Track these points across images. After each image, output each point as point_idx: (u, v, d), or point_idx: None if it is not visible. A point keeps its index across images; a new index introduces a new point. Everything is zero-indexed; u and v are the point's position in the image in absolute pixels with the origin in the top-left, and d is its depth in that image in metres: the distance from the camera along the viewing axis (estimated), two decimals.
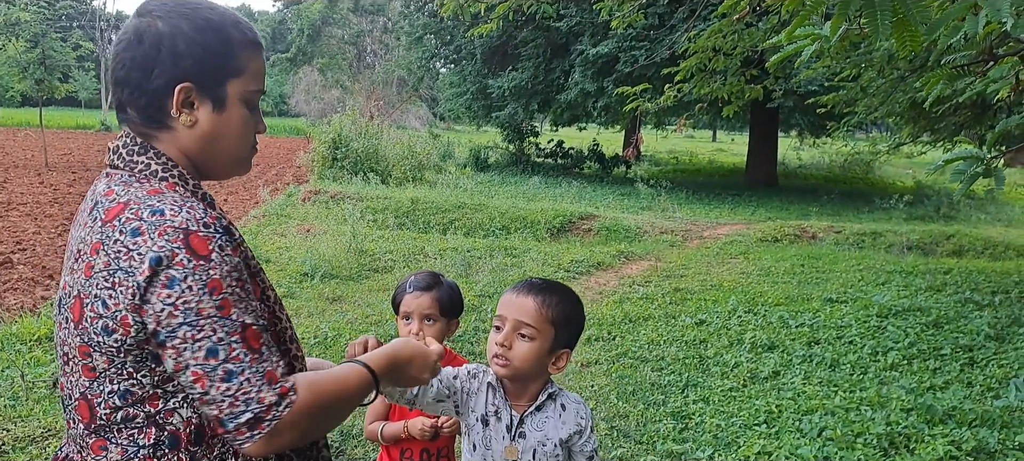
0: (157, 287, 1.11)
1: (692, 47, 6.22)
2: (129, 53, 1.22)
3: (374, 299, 6.43)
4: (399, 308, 2.19)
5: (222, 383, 1.11)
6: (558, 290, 1.74)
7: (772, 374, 4.75)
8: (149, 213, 1.14)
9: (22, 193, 13.28)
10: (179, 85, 1.22)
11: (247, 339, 1.14)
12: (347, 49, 50.57)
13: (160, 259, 1.11)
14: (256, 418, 1.12)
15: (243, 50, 1.27)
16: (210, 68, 1.23)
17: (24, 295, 6.58)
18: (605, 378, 4.74)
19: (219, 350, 1.11)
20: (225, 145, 1.29)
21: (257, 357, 1.14)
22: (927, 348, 5.13)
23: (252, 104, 1.31)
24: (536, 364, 1.69)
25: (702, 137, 49.93)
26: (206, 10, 1.25)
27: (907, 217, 12.70)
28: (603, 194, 15.67)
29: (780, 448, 3.70)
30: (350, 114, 17.32)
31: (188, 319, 1.10)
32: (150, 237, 1.12)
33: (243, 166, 1.36)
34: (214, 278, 1.12)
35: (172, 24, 1.22)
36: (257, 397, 1.12)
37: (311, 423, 1.18)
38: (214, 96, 1.25)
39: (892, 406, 4.16)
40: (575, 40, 16.93)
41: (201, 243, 1.13)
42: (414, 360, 1.42)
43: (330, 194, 12.49)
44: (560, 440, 1.71)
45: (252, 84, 1.29)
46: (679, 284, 7.22)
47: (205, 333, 1.11)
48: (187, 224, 1.13)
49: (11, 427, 3.59)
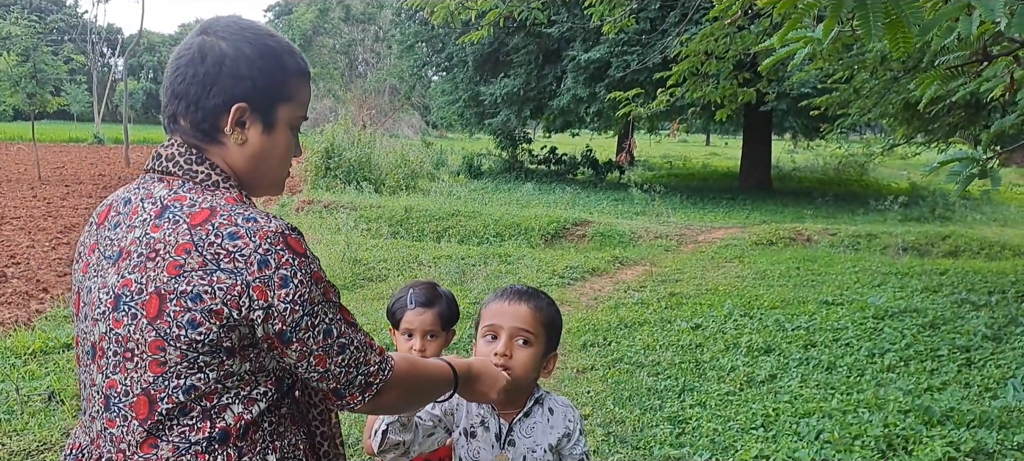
0: (274, 288, 1.20)
1: (684, 51, 6.23)
2: (191, 69, 1.28)
3: (369, 308, 6.41)
4: (399, 323, 2.15)
5: (337, 356, 1.28)
6: (542, 295, 1.76)
7: (769, 377, 4.75)
8: (243, 220, 1.22)
9: (15, 207, 13.21)
10: (236, 105, 1.28)
11: (345, 317, 1.31)
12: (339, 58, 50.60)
13: (267, 261, 1.20)
14: (367, 381, 1.32)
15: (295, 78, 1.35)
16: (265, 92, 1.31)
17: (18, 309, 6.54)
18: (601, 384, 4.72)
19: (332, 329, 1.27)
20: (270, 165, 1.37)
21: (356, 329, 1.32)
22: (924, 349, 5.13)
23: (296, 129, 1.40)
24: (534, 369, 1.69)
25: (695, 141, 50.03)
26: (267, 37, 1.33)
27: (902, 218, 12.73)
28: (597, 200, 15.67)
29: (777, 452, 3.68)
30: (342, 123, 17.30)
31: (306, 310, 1.23)
32: (252, 240, 1.21)
33: (279, 187, 1.45)
34: (315, 270, 1.26)
35: (235, 46, 1.29)
36: (365, 361, 1.32)
37: (404, 392, 1.39)
38: (265, 118, 1.32)
39: (890, 408, 4.15)
40: (567, 46, 16.95)
41: (296, 243, 1.24)
42: (485, 376, 1.59)
43: (324, 203, 12.46)
44: (549, 445, 1.69)
45: (299, 110, 1.37)
46: (674, 289, 7.21)
47: (320, 318, 1.25)
48: (281, 229, 1.23)
49: (7, 441, 3.55)
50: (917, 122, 8.11)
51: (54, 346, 4.98)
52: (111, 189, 16.54)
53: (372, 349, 1.34)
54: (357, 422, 4.01)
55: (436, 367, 1.50)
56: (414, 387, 1.42)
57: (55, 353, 4.88)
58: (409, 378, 1.40)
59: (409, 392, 1.41)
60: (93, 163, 23.57)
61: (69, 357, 4.81)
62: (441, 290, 2.20)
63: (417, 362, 1.46)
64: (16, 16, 21.58)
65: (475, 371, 1.57)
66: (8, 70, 19.70)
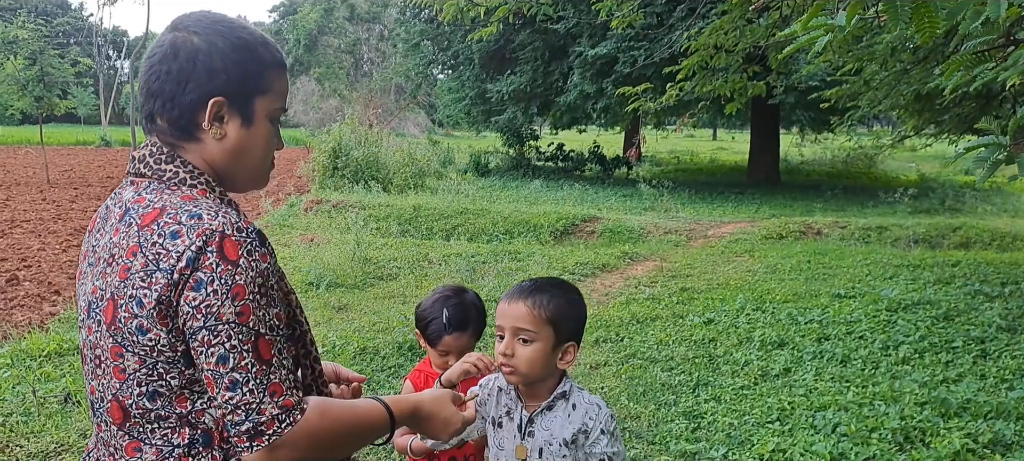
0: (185, 290, 1.14)
1: (693, 45, 6.21)
2: (165, 66, 1.26)
3: (380, 307, 6.41)
4: (433, 341, 2.14)
5: (227, 391, 1.15)
6: (548, 288, 1.72)
7: (783, 371, 4.73)
8: (187, 217, 1.18)
9: (25, 210, 13.27)
10: (212, 99, 1.26)
11: (259, 349, 1.16)
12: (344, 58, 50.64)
13: (194, 260, 1.14)
14: (255, 430, 1.15)
15: (271, 69, 1.32)
16: (241, 85, 1.28)
17: (31, 311, 6.57)
18: (615, 379, 4.71)
19: (229, 358, 1.14)
20: (250, 159, 1.33)
21: (265, 368, 1.16)
22: (938, 341, 5.10)
23: (276, 121, 1.36)
24: (542, 365, 1.69)
25: (702, 136, 49.93)
26: (240, 30, 1.30)
27: (912, 210, 12.68)
28: (605, 196, 15.65)
29: (794, 445, 3.67)
30: (349, 123, 17.31)
31: (207, 323, 1.14)
32: (188, 238, 1.15)
33: (263, 180, 1.40)
34: (238, 283, 1.15)
35: (209, 41, 1.26)
36: (258, 408, 1.15)
37: (314, 446, 1.20)
38: (243, 112, 1.30)
39: (906, 400, 4.13)
40: (573, 42, 16.92)
41: (232, 247, 1.16)
42: (436, 419, 1.48)
43: (332, 203, 12.48)
44: (564, 440, 1.69)
45: (277, 101, 1.34)
46: (685, 284, 7.20)
47: (220, 339, 1.14)
48: (223, 227, 1.17)
49: (24, 443, 3.57)
50: (928, 114, 8.06)
51: (68, 348, 5.00)
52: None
53: (273, 397, 1.16)
54: None
55: (365, 415, 1.32)
56: (330, 443, 1.24)
57: (70, 355, 4.90)
58: (322, 434, 1.22)
59: (321, 448, 1.22)
60: (101, 165, 23.65)
61: None
62: (469, 297, 2.20)
63: (341, 414, 1.27)
64: (23, 20, 21.68)
65: (424, 412, 1.46)
66: (16, 74, 19.79)
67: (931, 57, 6.35)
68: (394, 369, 4.75)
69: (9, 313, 6.52)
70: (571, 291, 1.75)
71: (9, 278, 7.81)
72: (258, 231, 1.22)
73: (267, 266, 1.20)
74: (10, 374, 4.42)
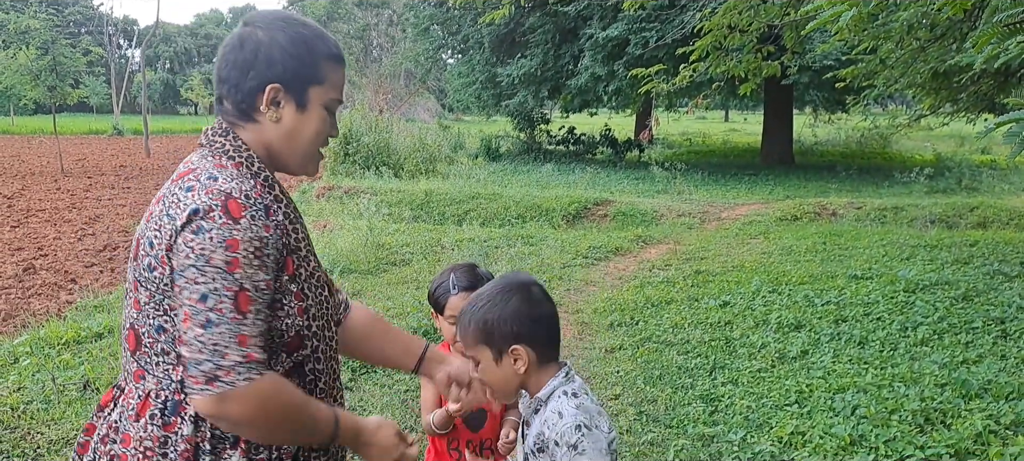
0: (187, 232, 1.26)
1: (707, 25, 6.15)
2: (232, 56, 1.42)
3: (394, 292, 6.42)
4: (443, 309, 2.12)
5: (199, 328, 1.24)
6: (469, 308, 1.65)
7: (800, 354, 4.70)
8: (206, 177, 1.32)
9: (40, 199, 13.36)
10: (270, 85, 1.40)
11: (238, 300, 1.25)
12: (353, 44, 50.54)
13: (198, 210, 1.27)
14: (213, 373, 1.23)
15: (327, 61, 1.45)
16: (296, 74, 1.41)
17: (48, 300, 6.62)
18: (631, 363, 4.70)
19: (210, 297, 1.24)
20: (303, 141, 1.46)
21: (239, 318, 1.25)
22: (958, 322, 5.05)
23: (331, 110, 1.48)
24: (497, 379, 1.64)
25: (714, 117, 49.61)
26: (300, 26, 1.45)
27: (928, 190, 12.56)
28: (617, 179, 15.58)
29: (813, 428, 3.64)
30: (359, 109, 17.30)
31: (197, 263, 1.25)
32: (198, 194, 1.29)
33: (314, 165, 1.52)
34: (235, 237, 1.26)
35: (270, 35, 1.41)
36: (222, 352, 1.24)
37: (259, 413, 1.27)
38: (299, 98, 1.43)
39: (925, 382, 4.09)
40: (584, 24, 16.80)
41: (237, 207, 1.28)
42: (374, 447, 1.50)
43: (344, 189, 12.49)
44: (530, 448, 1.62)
45: (332, 92, 1.47)
46: (700, 266, 7.16)
47: (206, 278, 1.24)
48: (231, 190, 1.30)
49: (45, 430, 3.60)
50: (945, 92, 7.96)
51: (86, 336, 5.03)
52: (133, 180, 16.70)
53: (241, 348, 1.24)
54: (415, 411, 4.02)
55: (316, 414, 1.38)
56: (274, 418, 1.29)
57: (87, 343, 4.93)
58: (270, 405, 1.27)
59: (264, 418, 1.28)
60: (114, 154, 23.78)
61: (101, 346, 4.85)
62: (481, 271, 2.18)
63: (293, 399, 1.33)
64: (34, 10, 21.75)
65: (365, 438, 1.49)
66: (28, 64, 19.88)
67: (949, 34, 6.26)
68: None
69: (27, 301, 6.57)
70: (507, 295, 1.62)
71: (26, 267, 7.87)
72: (266, 205, 1.33)
73: (268, 236, 1.31)
74: (29, 362, 4.45)
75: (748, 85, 6.74)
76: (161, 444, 1.31)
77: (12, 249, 8.89)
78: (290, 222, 1.42)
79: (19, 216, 11.48)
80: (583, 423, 1.52)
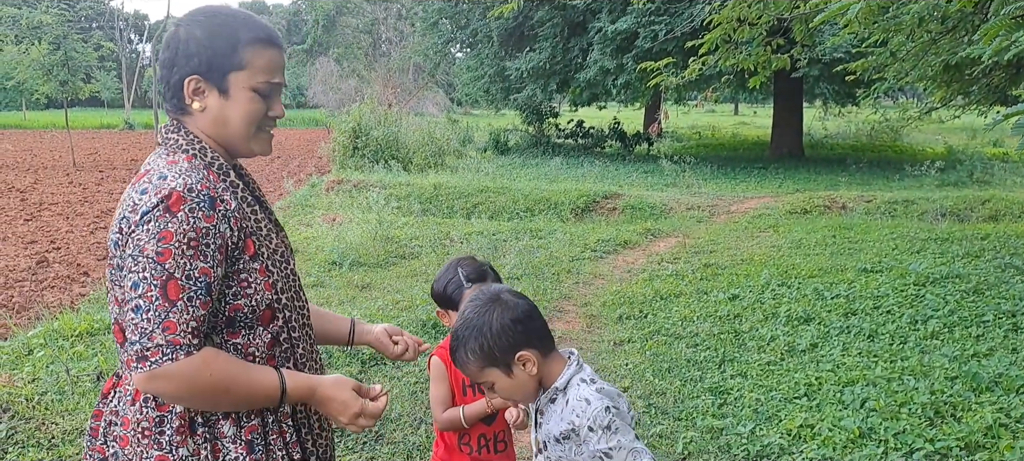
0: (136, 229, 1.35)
1: (716, 19, 6.12)
2: (162, 56, 1.52)
3: (403, 285, 6.44)
4: (457, 304, 2.10)
5: (131, 312, 1.34)
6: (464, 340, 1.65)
7: (810, 347, 4.70)
8: (157, 177, 1.40)
9: (53, 193, 13.46)
10: (188, 78, 1.48)
11: (166, 288, 1.33)
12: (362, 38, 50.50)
13: (147, 211, 1.35)
14: (141, 353, 1.33)
15: (249, 47, 1.49)
16: (213, 64, 1.48)
17: (61, 292, 6.68)
18: (639, 356, 4.71)
19: (140, 285, 1.33)
20: (233, 125, 1.52)
21: (167, 305, 1.33)
22: (968, 315, 5.03)
23: (264, 93, 1.52)
24: (517, 389, 1.68)
25: (723, 110, 49.39)
26: (221, 17, 1.51)
27: (939, 183, 12.48)
28: (626, 172, 15.55)
29: (822, 420, 3.65)
30: (368, 103, 17.31)
31: (133, 253, 1.35)
32: (150, 196, 1.37)
33: (259, 142, 1.57)
34: (169, 230, 1.34)
35: (189, 30, 1.49)
36: (149, 334, 1.32)
37: (191, 388, 1.36)
38: (219, 86, 1.50)
39: (935, 375, 4.09)
40: (593, 17, 16.74)
41: (178, 202, 1.35)
42: (333, 402, 1.53)
43: (353, 183, 12.52)
44: (555, 436, 1.66)
45: (260, 76, 1.51)
46: (709, 260, 7.15)
47: (138, 268, 1.33)
48: (176, 186, 1.37)
49: (59, 421, 3.64)
50: (956, 84, 7.91)
51: (99, 328, 5.08)
52: None
53: (166, 332, 1.32)
54: (424, 402, 4.04)
55: (254, 380, 1.44)
56: (205, 391, 1.37)
57: (101, 334, 4.98)
58: (200, 381, 1.35)
59: (194, 392, 1.37)
60: (125, 148, 23.90)
61: (114, 337, 4.89)
62: (479, 260, 2.20)
63: (227, 370, 1.40)
64: (46, 5, 21.86)
65: (323, 394, 1.52)
66: (40, 59, 20.00)
67: (960, 26, 6.22)
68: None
69: (41, 294, 6.63)
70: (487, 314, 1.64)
71: (40, 260, 7.94)
72: (210, 196, 1.39)
73: (208, 227, 1.37)
74: (44, 354, 4.50)
75: (758, 78, 6.71)
76: (157, 423, 1.42)
77: (26, 242, 8.97)
78: (248, 205, 1.51)
79: (32, 209, 11.58)
80: (610, 405, 1.61)
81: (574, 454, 1.63)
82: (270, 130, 1.59)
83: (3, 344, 4.85)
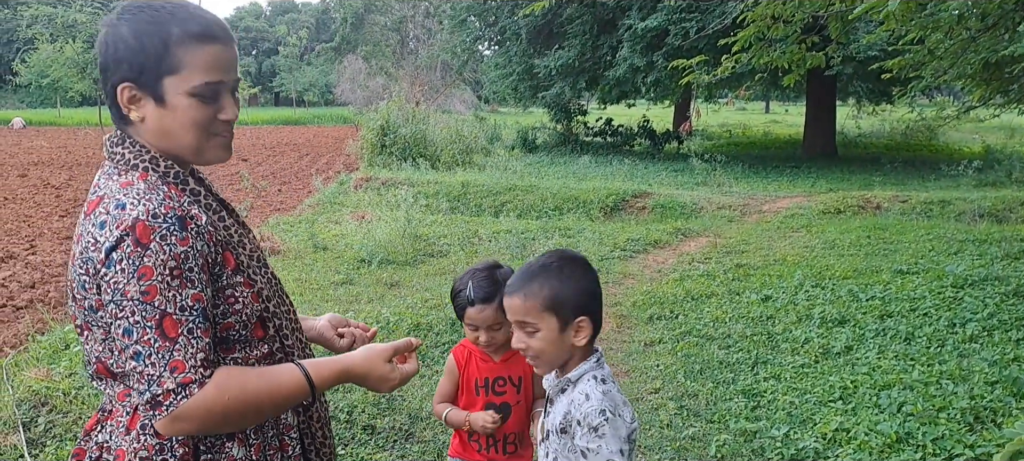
0: (105, 270, 1.23)
1: (750, 16, 6.04)
2: (98, 61, 1.35)
3: (432, 283, 6.45)
4: (460, 315, 2.12)
5: (131, 360, 1.23)
6: (540, 274, 1.64)
7: (845, 349, 4.62)
8: (114, 207, 1.26)
9: (87, 190, 13.66)
10: (120, 86, 1.32)
11: (163, 327, 1.22)
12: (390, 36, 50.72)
13: (112, 249, 1.22)
14: (154, 400, 1.23)
15: (180, 47, 1.30)
16: (144, 68, 1.30)
17: None
18: (671, 357, 4.66)
19: (133, 331, 1.22)
20: (178, 134, 1.35)
21: (168, 345, 1.23)
22: (1008, 318, 4.91)
23: (206, 96, 1.33)
24: (554, 351, 1.64)
25: (754, 109, 48.87)
26: (147, 12, 1.31)
27: (977, 183, 12.23)
28: (655, 171, 15.45)
29: (858, 424, 3.58)
30: (396, 100, 17.39)
31: (114, 298, 1.22)
32: (110, 230, 1.23)
33: (214, 150, 1.39)
34: (146, 265, 1.21)
35: (115, 31, 1.31)
36: (157, 380, 1.22)
37: (215, 417, 1.27)
38: (153, 93, 1.32)
39: (975, 379, 3.99)
40: (623, 15, 16.64)
41: (145, 232, 1.22)
42: (370, 377, 1.47)
43: (381, 180, 12.58)
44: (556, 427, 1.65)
45: (197, 78, 1.31)
46: (741, 260, 7.07)
47: (125, 314, 1.22)
48: (139, 214, 1.23)
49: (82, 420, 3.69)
50: (996, 83, 7.74)
51: None
52: None
53: (174, 373, 1.23)
54: (426, 392, 4.04)
55: (277, 384, 1.35)
56: (231, 414, 1.29)
57: None
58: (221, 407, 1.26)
59: (225, 417, 1.28)
60: None
61: None
62: (500, 274, 2.09)
63: (244, 385, 1.30)
64: (81, 4, 22.26)
65: (357, 373, 1.46)
66: (75, 57, 20.38)
67: (1000, 24, 6.08)
68: (447, 345, 4.77)
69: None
70: (569, 267, 1.65)
71: None
72: (179, 217, 1.26)
73: (185, 250, 1.25)
74: (80, 349, 4.57)
75: (791, 76, 6.61)
76: (157, 451, 1.32)
77: (61, 238, 9.12)
78: (215, 212, 1.39)
79: (67, 205, 11.79)
80: (608, 408, 1.57)
81: (568, 450, 1.62)
82: (225, 134, 1.39)
83: (41, 338, 4.93)
